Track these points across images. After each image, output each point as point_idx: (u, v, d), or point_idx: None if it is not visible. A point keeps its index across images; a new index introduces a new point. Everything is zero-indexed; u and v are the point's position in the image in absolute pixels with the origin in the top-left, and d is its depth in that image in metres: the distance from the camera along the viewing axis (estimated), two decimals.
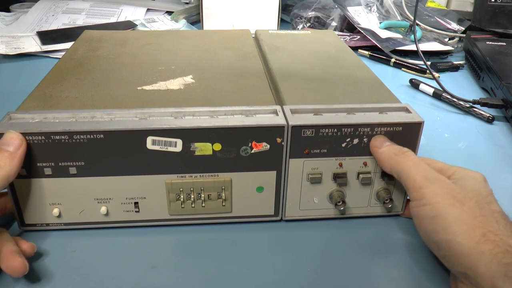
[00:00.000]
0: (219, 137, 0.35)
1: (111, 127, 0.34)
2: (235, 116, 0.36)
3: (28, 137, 0.33)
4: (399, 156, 0.35)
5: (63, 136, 0.34)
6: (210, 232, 0.39)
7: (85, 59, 0.48)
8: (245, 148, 0.36)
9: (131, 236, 0.38)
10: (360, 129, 0.36)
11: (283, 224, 0.40)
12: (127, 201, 0.37)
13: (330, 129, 0.36)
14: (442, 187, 0.33)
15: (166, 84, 0.42)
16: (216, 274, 0.34)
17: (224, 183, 0.37)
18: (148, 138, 0.34)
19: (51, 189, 0.36)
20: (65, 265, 0.35)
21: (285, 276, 0.34)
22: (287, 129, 0.35)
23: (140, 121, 0.35)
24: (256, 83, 0.43)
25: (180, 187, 0.37)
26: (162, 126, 0.34)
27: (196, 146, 0.35)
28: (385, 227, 0.40)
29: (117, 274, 0.34)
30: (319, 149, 0.36)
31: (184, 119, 0.35)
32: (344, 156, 0.37)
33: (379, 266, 0.36)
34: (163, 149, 0.35)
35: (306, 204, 0.39)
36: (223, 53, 0.51)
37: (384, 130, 0.36)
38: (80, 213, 0.37)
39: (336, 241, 0.38)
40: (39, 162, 0.35)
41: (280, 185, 0.38)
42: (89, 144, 0.34)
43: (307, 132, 0.35)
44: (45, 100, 0.39)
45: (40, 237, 0.37)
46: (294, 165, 0.37)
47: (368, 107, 0.38)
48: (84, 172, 0.35)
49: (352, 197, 0.39)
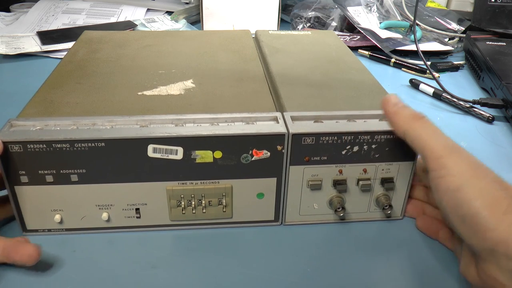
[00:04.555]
0: (220, 145, 0.35)
1: (112, 136, 0.34)
2: (236, 123, 0.36)
3: (30, 145, 0.34)
4: (416, 121, 0.33)
5: (64, 144, 0.34)
6: (210, 233, 0.39)
7: (85, 62, 0.48)
8: (246, 156, 0.36)
9: (131, 236, 0.38)
10: (360, 137, 0.36)
11: (282, 227, 0.40)
12: (128, 207, 0.38)
13: (331, 137, 0.36)
14: (464, 157, 0.30)
15: (166, 89, 0.42)
16: (216, 274, 0.35)
17: (225, 189, 0.37)
18: (149, 146, 0.35)
19: (53, 196, 0.36)
20: (65, 265, 0.35)
21: (284, 277, 0.35)
22: (288, 137, 0.35)
23: (141, 129, 0.35)
24: (257, 88, 0.43)
25: (181, 193, 0.37)
26: (163, 135, 0.34)
27: (197, 154, 0.35)
28: (384, 228, 0.40)
29: (117, 274, 0.34)
30: (319, 157, 0.37)
31: (184, 127, 0.35)
32: (344, 163, 0.37)
33: (379, 267, 0.36)
34: (164, 157, 0.35)
35: (306, 210, 0.39)
36: (223, 55, 0.51)
37: (384, 137, 0.36)
38: (82, 219, 0.38)
39: (336, 243, 0.38)
40: (40, 169, 0.35)
41: (280, 191, 0.38)
42: (90, 152, 0.34)
43: (307, 140, 0.36)
44: (45, 106, 0.39)
45: (40, 237, 0.38)
46: (294, 172, 0.37)
47: (368, 114, 0.38)
48: (85, 179, 0.36)
49: (352, 203, 0.39)
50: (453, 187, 0.29)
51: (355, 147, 0.37)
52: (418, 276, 0.35)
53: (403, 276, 0.35)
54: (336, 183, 0.38)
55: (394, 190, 0.39)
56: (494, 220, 0.27)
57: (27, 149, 0.34)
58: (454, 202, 0.29)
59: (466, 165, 0.30)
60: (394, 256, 0.37)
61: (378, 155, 0.37)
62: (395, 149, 0.37)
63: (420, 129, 0.32)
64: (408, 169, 0.38)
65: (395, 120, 0.34)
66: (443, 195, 0.30)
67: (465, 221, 0.29)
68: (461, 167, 0.30)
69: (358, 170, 0.38)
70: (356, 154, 0.37)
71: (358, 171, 0.38)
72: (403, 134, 0.33)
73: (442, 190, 0.30)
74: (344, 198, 0.39)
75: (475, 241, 0.29)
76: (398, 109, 0.34)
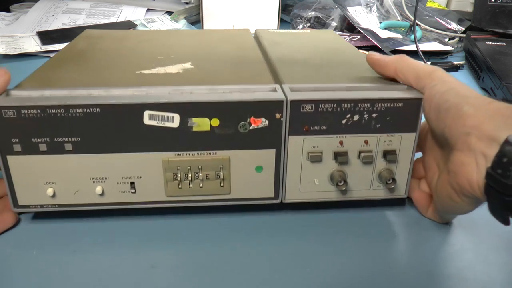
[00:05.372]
0: (217, 112, 0.34)
1: (107, 101, 0.33)
2: (233, 93, 0.36)
3: (24, 111, 0.33)
4: (402, 57, 0.38)
5: (58, 110, 0.33)
6: (210, 232, 0.38)
7: (85, 51, 0.48)
8: (244, 124, 0.35)
9: (131, 236, 0.37)
10: (360, 105, 0.35)
11: (285, 221, 0.39)
12: (123, 180, 0.36)
13: (330, 104, 0.35)
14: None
15: (165, 69, 0.42)
16: (216, 274, 0.33)
17: (222, 161, 0.36)
18: (145, 113, 0.34)
19: (46, 167, 0.35)
20: (65, 265, 0.34)
21: (286, 276, 0.33)
22: (286, 103, 0.35)
23: (138, 95, 0.34)
24: (255, 68, 0.43)
25: (177, 165, 0.36)
26: (160, 100, 0.34)
27: (194, 122, 0.35)
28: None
29: (117, 274, 0.33)
30: (318, 126, 0.36)
31: (182, 95, 0.35)
32: (345, 134, 0.36)
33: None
34: (160, 124, 0.34)
35: (306, 186, 0.38)
36: (222, 46, 0.51)
37: (384, 106, 0.36)
38: (75, 194, 0.37)
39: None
40: (34, 137, 0.34)
41: (280, 165, 0.37)
42: (85, 118, 0.34)
43: (306, 107, 0.35)
44: (42, 81, 0.38)
45: (40, 237, 0.37)
46: (294, 143, 0.36)
47: (368, 86, 0.38)
48: (79, 148, 0.35)
49: (354, 178, 0.38)
50: (445, 88, 0.33)
51: (356, 116, 0.36)
52: (421, 270, 0.34)
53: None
54: (337, 155, 0.37)
55: (397, 164, 0.38)
56: (475, 109, 0.30)
57: (21, 115, 0.33)
58: (443, 99, 0.33)
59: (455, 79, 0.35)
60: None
61: (379, 125, 0.36)
62: (396, 119, 0.36)
63: (408, 60, 0.38)
64: (411, 141, 0.37)
65: (386, 61, 0.39)
66: (433, 99, 0.34)
67: (449, 112, 0.32)
68: (450, 77, 0.35)
69: (359, 142, 0.37)
70: (357, 123, 0.36)
71: (359, 142, 0.37)
72: (394, 70, 0.38)
73: (433, 95, 0.34)
74: (345, 172, 0.38)
75: (454, 129, 0.32)
76: (384, 57, 0.39)
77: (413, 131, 0.37)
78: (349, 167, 0.38)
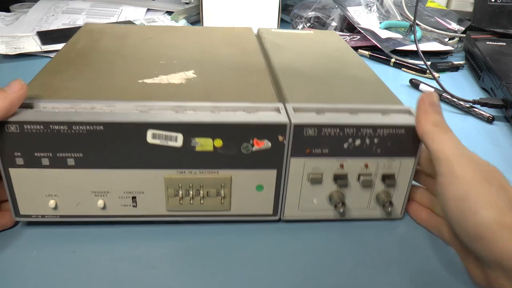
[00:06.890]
0: (221, 133, 0.35)
1: (111, 119, 0.33)
2: (237, 112, 0.36)
3: (27, 126, 0.33)
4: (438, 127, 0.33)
5: (62, 126, 0.33)
6: (210, 232, 0.38)
7: (86, 51, 0.48)
8: (246, 145, 0.35)
9: (131, 236, 0.38)
10: (362, 130, 0.36)
11: (282, 226, 0.40)
12: (125, 195, 0.37)
13: (333, 129, 0.35)
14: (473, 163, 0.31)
15: (167, 78, 0.42)
16: (216, 274, 0.34)
17: (224, 180, 0.37)
18: (149, 132, 0.34)
19: (48, 180, 0.35)
20: (65, 265, 0.34)
21: (284, 277, 0.34)
22: (290, 127, 0.35)
23: (141, 114, 0.34)
24: (258, 79, 0.43)
25: (179, 182, 0.36)
26: (163, 120, 0.34)
27: (197, 141, 0.35)
28: (385, 230, 0.40)
29: (117, 274, 0.34)
30: (320, 149, 0.36)
31: (185, 114, 0.35)
32: (346, 157, 0.37)
33: (379, 269, 0.36)
34: (163, 143, 0.34)
35: (305, 205, 0.39)
36: (225, 49, 0.51)
37: (386, 132, 0.36)
38: (77, 206, 0.37)
39: (336, 244, 0.38)
40: (36, 152, 0.34)
41: (280, 184, 0.38)
42: (88, 136, 0.34)
43: (309, 131, 0.35)
44: (44, 89, 0.38)
45: (40, 237, 0.37)
46: (295, 164, 0.37)
47: (371, 108, 0.38)
48: (82, 163, 0.35)
49: (352, 199, 0.39)
50: (460, 195, 0.30)
51: (357, 141, 0.36)
52: (419, 277, 0.35)
53: (403, 277, 0.35)
54: (337, 178, 0.37)
55: (395, 188, 0.39)
56: (500, 233, 0.27)
57: (24, 130, 0.33)
58: (459, 211, 0.30)
59: (475, 171, 0.30)
60: (394, 257, 0.37)
61: (380, 150, 0.37)
62: (397, 144, 0.37)
63: (439, 133, 0.33)
64: (410, 166, 0.38)
65: (421, 119, 0.34)
66: (449, 201, 0.30)
67: (470, 231, 0.29)
68: (470, 174, 0.30)
69: (359, 165, 0.37)
70: (358, 148, 0.36)
71: (359, 165, 0.37)
72: (422, 134, 0.34)
73: (449, 197, 0.30)
74: (344, 194, 0.38)
75: (481, 251, 0.29)
76: (429, 111, 0.34)
77: (413, 155, 0.38)
78: (348, 189, 0.38)
